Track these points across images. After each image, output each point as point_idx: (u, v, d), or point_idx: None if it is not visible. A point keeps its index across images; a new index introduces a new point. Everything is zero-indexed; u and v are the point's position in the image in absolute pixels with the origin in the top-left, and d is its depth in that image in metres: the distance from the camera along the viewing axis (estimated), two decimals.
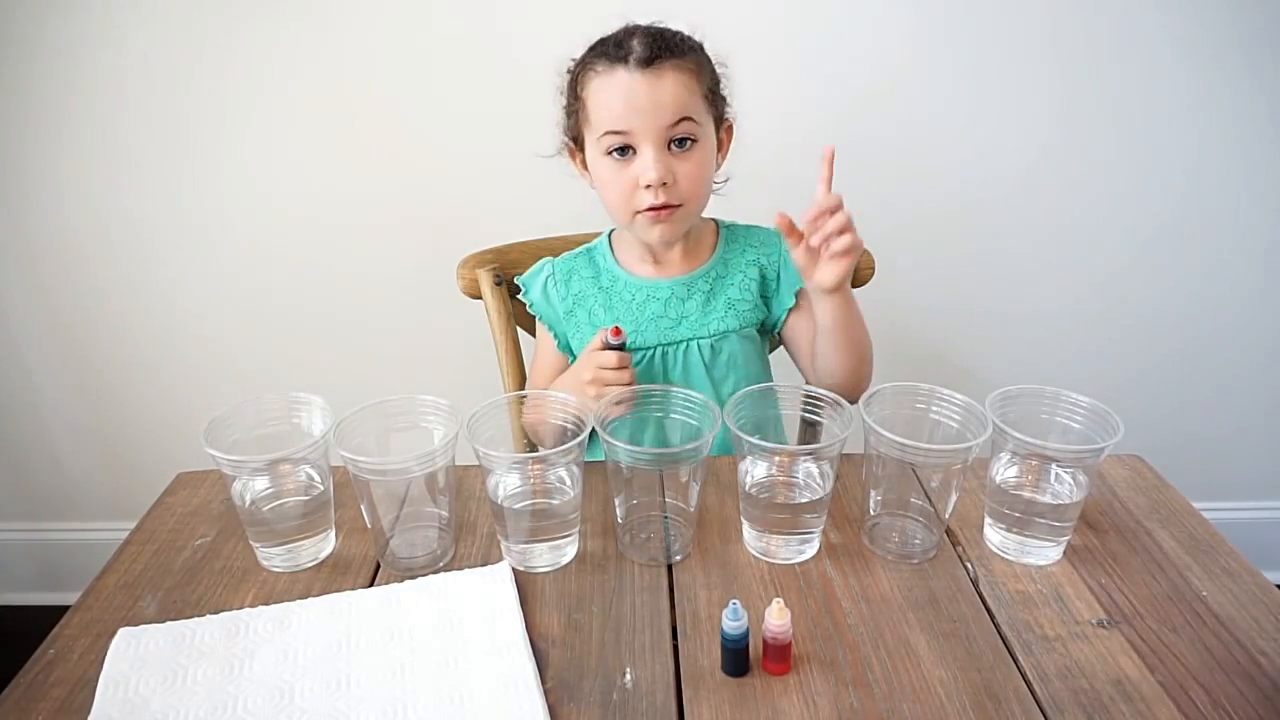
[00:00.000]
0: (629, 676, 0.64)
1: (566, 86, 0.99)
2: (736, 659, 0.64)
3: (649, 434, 0.82)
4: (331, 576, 0.76)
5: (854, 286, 1.17)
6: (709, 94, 0.96)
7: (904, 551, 0.77)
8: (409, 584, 0.74)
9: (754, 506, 0.77)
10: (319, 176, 1.42)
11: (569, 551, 0.78)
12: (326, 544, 0.79)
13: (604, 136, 0.93)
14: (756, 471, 0.78)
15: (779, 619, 0.63)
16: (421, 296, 1.49)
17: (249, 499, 0.75)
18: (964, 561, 0.77)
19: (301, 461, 0.76)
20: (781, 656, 0.64)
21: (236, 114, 1.37)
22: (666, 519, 0.79)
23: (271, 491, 0.76)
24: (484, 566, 0.76)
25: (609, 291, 1.05)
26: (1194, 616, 0.70)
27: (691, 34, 0.96)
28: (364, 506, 0.76)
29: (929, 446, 0.73)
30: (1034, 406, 0.79)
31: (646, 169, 0.92)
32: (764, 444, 0.73)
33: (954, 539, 0.80)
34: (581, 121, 0.97)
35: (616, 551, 0.78)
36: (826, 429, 0.80)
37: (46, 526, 1.72)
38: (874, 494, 0.79)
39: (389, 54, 1.34)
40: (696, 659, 0.66)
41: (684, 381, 1.03)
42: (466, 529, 0.82)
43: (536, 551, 0.76)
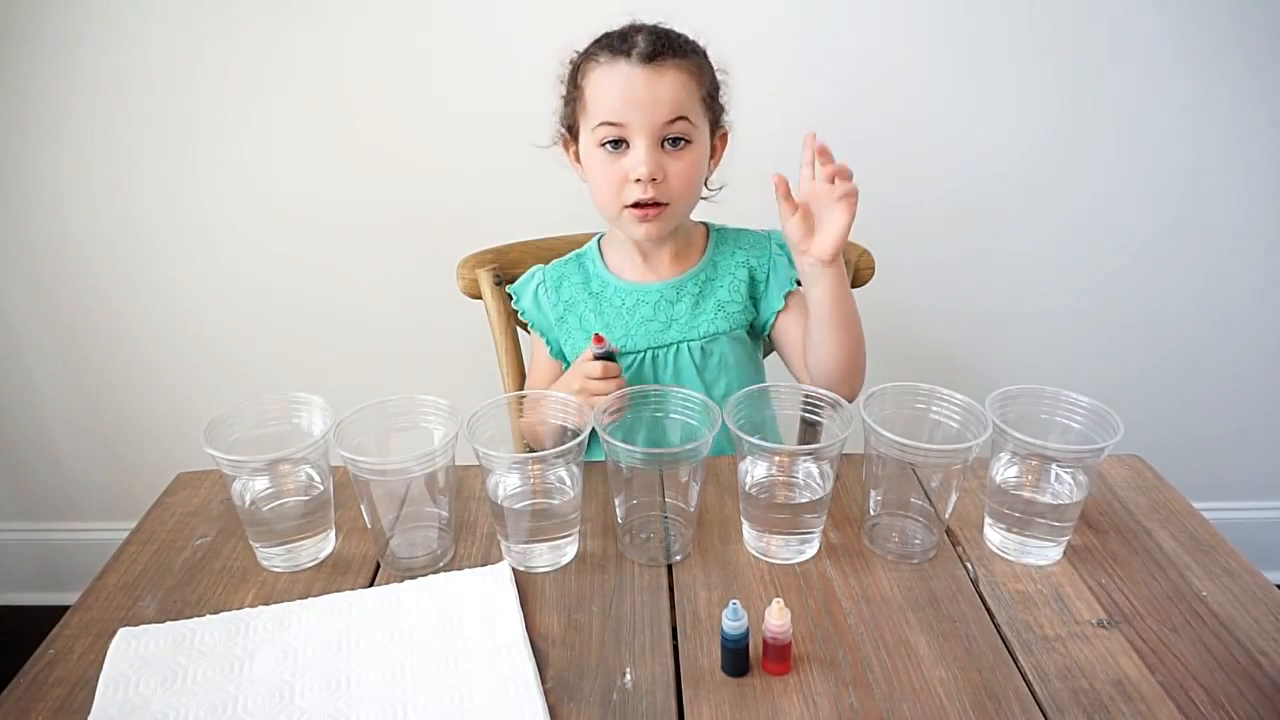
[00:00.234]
0: (629, 676, 0.64)
1: (567, 76, 0.99)
2: (736, 659, 0.64)
3: (649, 434, 0.82)
4: (331, 576, 0.76)
5: (854, 287, 1.17)
6: (707, 97, 0.96)
7: (904, 551, 0.77)
8: (409, 584, 0.74)
9: (754, 506, 0.77)
10: (319, 176, 1.42)
11: (569, 551, 0.78)
12: (326, 544, 0.79)
13: (599, 127, 0.93)
14: (756, 471, 0.78)
15: (779, 619, 0.63)
16: (421, 296, 1.49)
17: (249, 499, 0.75)
18: (964, 561, 0.77)
19: (301, 461, 0.76)
20: (781, 656, 0.64)
21: (236, 114, 1.37)
22: (666, 519, 0.79)
23: (271, 491, 0.76)
24: (484, 566, 0.76)
25: (599, 297, 1.05)
26: (1194, 616, 0.70)
27: (696, 39, 0.97)
28: (364, 506, 0.76)
29: (929, 446, 0.73)
30: (1034, 406, 0.79)
31: (638, 163, 0.92)
32: (764, 444, 0.73)
33: (954, 539, 0.80)
34: (578, 111, 0.97)
35: (616, 551, 0.78)
36: (826, 429, 0.80)
37: (46, 526, 1.72)
38: (874, 494, 0.79)
39: (389, 54, 1.34)
40: (696, 659, 0.66)
41: (675, 384, 1.03)
42: (466, 529, 0.82)
43: (536, 551, 0.76)
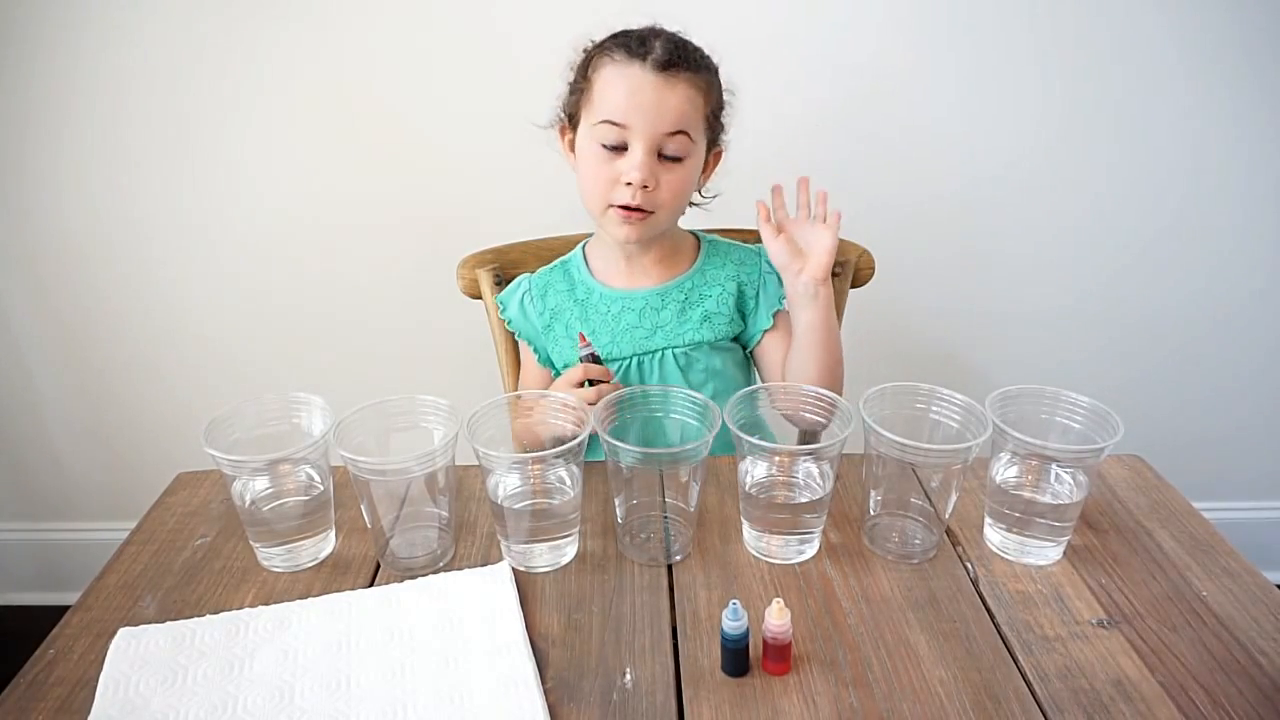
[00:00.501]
0: (629, 676, 0.64)
1: (578, 64, 0.98)
2: (736, 659, 0.64)
3: (648, 434, 0.82)
4: (331, 576, 0.76)
5: (853, 286, 1.17)
6: (710, 116, 0.97)
7: (904, 551, 0.77)
8: (409, 584, 0.74)
9: (754, 506, 0.77)
10: (319, 176, 1.42)
11: (569, 551, 0.78)
12: (326, 544, 0.79)
13: (600, 125, 0.93)
14: (756, 471, 0.78)
15: (779, 619, 0.63)
16: (421, 296, 1.49)
17: (249, 499, 0.75)
18: (964, 561, 0.77)
19: (301, 461, 0.76)
20: (781, 656, 0.64)
21: (236, 114, 1.37)
22: (666, 519, 0.79)
23: (271, 491, 0.76)
24: (484, 566, 0.76)
25: (584, 304, 1.05)
26: (1194, 616, 0.70)
27: (710, 54, 0.97)
28: (364, 506, 0.76)
29: (929, 446, 0.73)
30: (1034, 406, 0.79)
31: (632, 168, 0.92)
32: (764, 444, 0.73)
33: (954, 539, 0.80)
34: (583, 102, 0.96)
35: (616, 551, 0.78)
36: (826, 429, 0.80)
37: (46, 526, 1.72)
38: (874, 494, 0.79)
39: (389, 54, 1.34)
40: (696, 659, 0.66)
41: None
42: (466, 529, 0.82)
43: (536, 551, 0.76)
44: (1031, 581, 0.74)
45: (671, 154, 0.94)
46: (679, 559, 0.77)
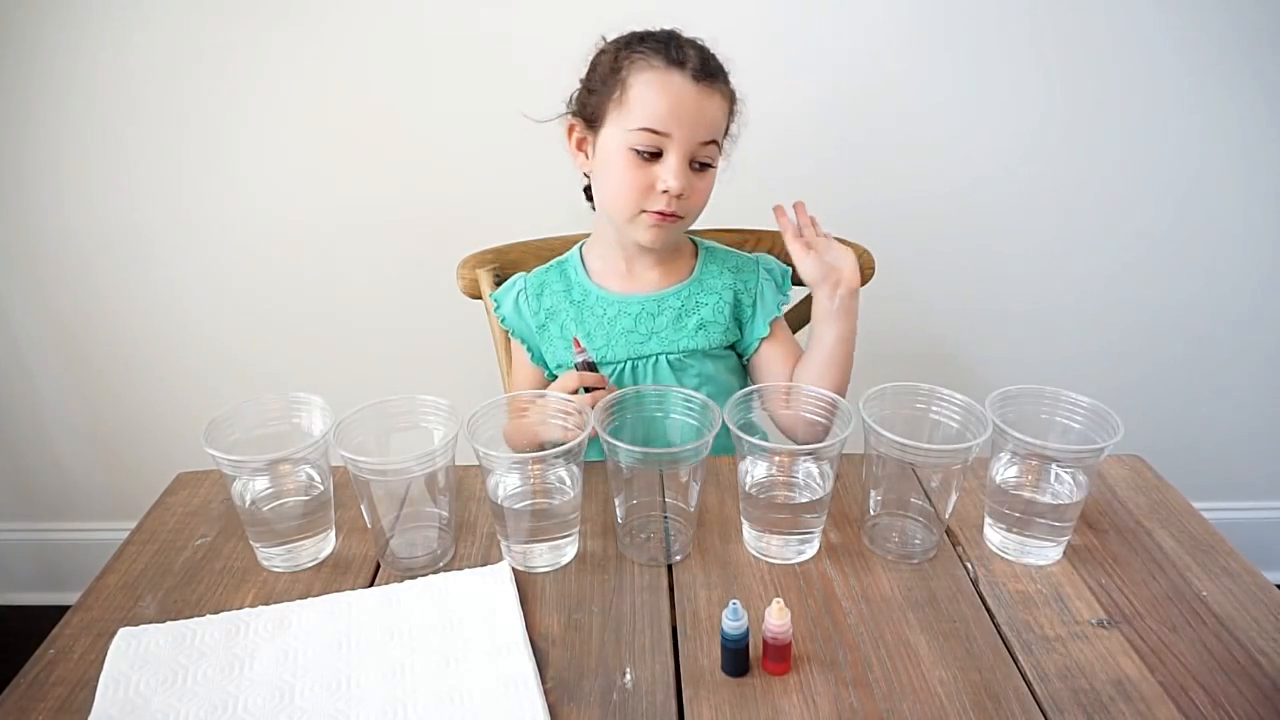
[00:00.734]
0: (629, 676, 0.64)
1: (601, 65, 0.96)
2: (736, 659, 0.64)
3: (648, 434, 0.82)
4: (331, 576, 0.76)
5: None
6: (728, 125, 0.98)
7: (904, 551, 0.77)
8: (409, 584, 0.74)
9: (754, 506, 0.77)
10: (319, 177, 1.42)
11: (569, 551, 0.78)
12: (326, 544, 0.79)
13: (639, 131, 0.92)
14: (756, 471, 0.78)
15: (779, 619, 0.63)
16: (421, 296, 1.49)
17: (249, 499, 0.75)
18: (964, 561, 0.77)
19: (301, 461, 0.76)
20: (781, 656, 0.64)
21: (236, 114, 1.37)
22: (666, 519, 0.79)
23: (271, 491, 0.76)
24: (484, 566, 0.76)
25: (580, 305, 1.05)
26: (1194, 616, 0.70)
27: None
28: (364, 506, 0.76)
29: (929, 446, 0.73)
30: (1034, 406, 0.79)
31: (671, 176, 0.92)
32: (764, 444, 0.73)
33: (954, 539, 0.80)
34: (611, 105, 0.94)
35: (616, 551, 0.78)
36: (827, 429, 0.80)
37: (46, 526, 1.72)
38: (874, 494, 0.79)
39: (389, 55, 1.34)
40: (696, 659, 0.66)
41: None
42: (466, 529, 0.82)
43: (536, 551, 0.76)
44: (1031, 581, 0.74)
45: (703, 161, 0.95)
46: (679, 559, 0.77)
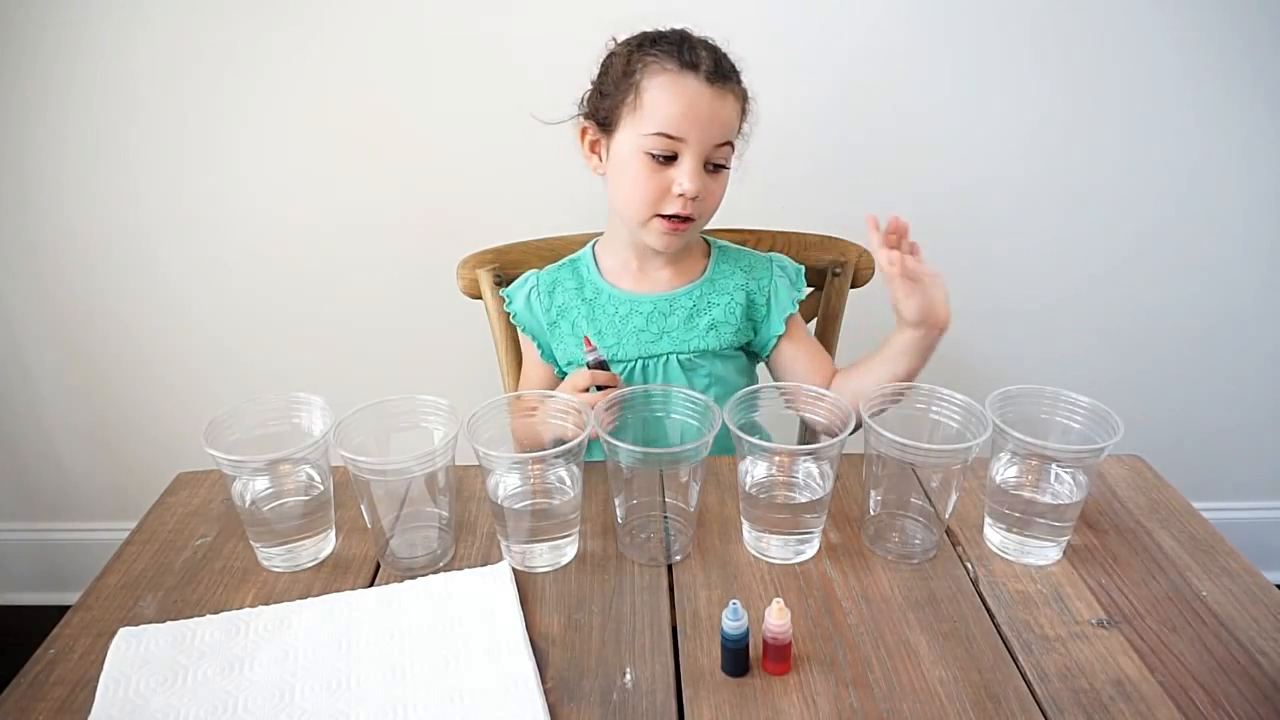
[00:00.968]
0: (629, 676, 0.64)
1: (614, 67, 0.95)
2: (736, 659, 0.64)
3: (648, 434, 0.82)
4: (331, 576, 0.76)
5: (853, 286, 1.18)
6: (741, 125, 0.97)
7: (904, 551, 0.77)
8: (409, 584, 0.74)
9: (754, 506, 0.77)
10: (319, 177, 1.42)
11: (569, 551, 0.78)
12: (326, 544, 0.79)
13: (654, 136, 0.92)
14: (756, 471, 0.78)
15: (779, 619, 0.63)
16: (422, 297, 1.49)
17: (249, 499, 0.75)
18: (964, 561, 0.77)
19: (301, 461, 0.76)
20: (781, 656, 0.64)
21: (237, 115, 1.37)
22: (666, 519, 0.79)
23: (271, 491, 0.76)
24: (484, 566, 0.76)
25: (592, 303, 1.05)
26: (1194, 616, 0.70)
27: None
28: (364, 506, 0.76)
29: (929, 446, 0.73)
30: (1034, 406, 0.79)
31: (687, 180, 0.92)
32: (764, 444, 0.73)
33: (954, 539, 0.80)
34: (625, 108, 0.93)
35: (616, 551, 0.78)
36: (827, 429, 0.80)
37: (46, 526, 1.72)
38: (874, 494, 0.79)
39: (390, 55, 1.34)
40: (696, 659, 0.66)
41: None
42: (466, 529, 0.82)
43: (536, 551, 0.76)
44: (1031, 581, 0.74)
45: (717, 163, 0.94)
46: (679, 559, 0.77)
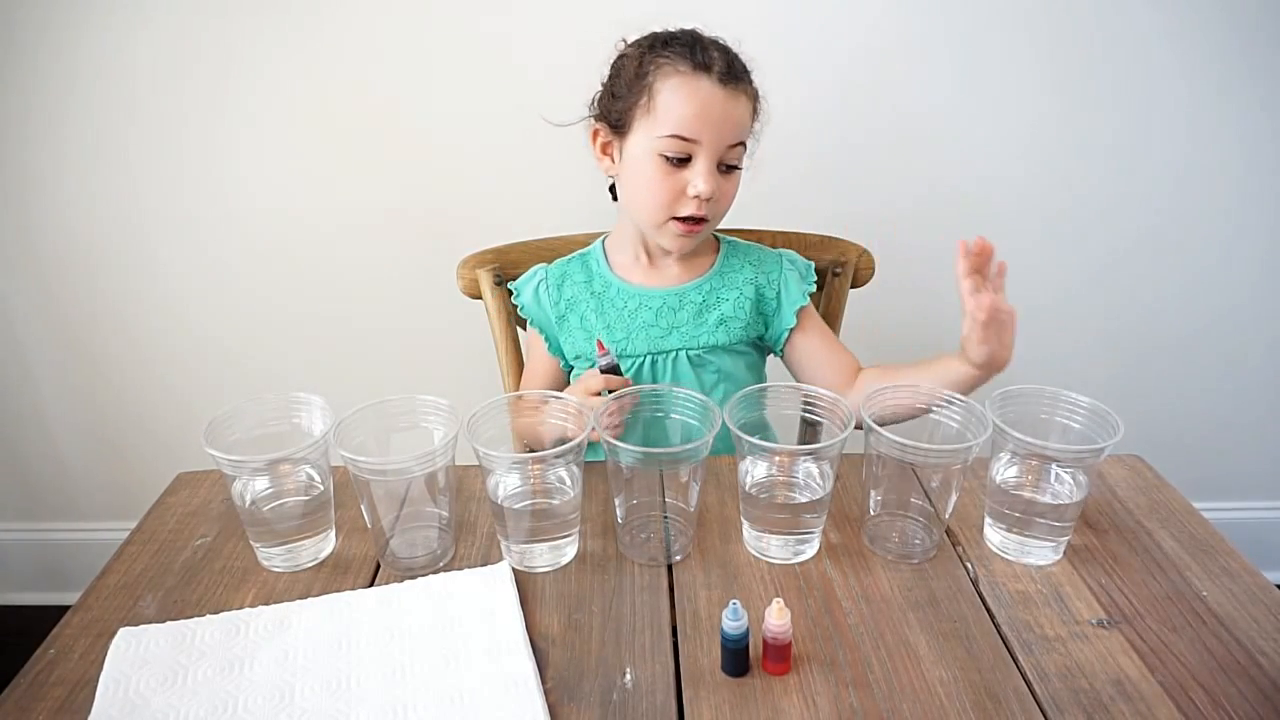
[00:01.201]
0: (629, 676, 0.64)
1: (625, 69, 0.95)
2: (736, 659, 0.64)
3: (649, 434, 0.82)
4: (331, 576, 0.76)
5: (854, 286, 1.18)
6: (752, 125, 0.97)
7: (904, 551, 0.77)
8: (409, 584, 0.74)
9: (754, 506, 0.77)
10: (320, 177, 1.42)
11: (569, 551, 0.78)
12: (326, 544, 0.79)
13: (668, 138, 0.92)
14: (756, 471, 0.78)
15: (779, 619, 0.63)
16: (422, 297, 1.49)
17: (249, 499, 0.75)
18: (964, 561, 0.77)
19: (301, 461, 0.76)
20: (781, 656, 0.64)
21: (237, 114, 1.37)
22: (666, 519, 0.79)
23: (271, 491, 0.76)
24: (484, 566, 0.76)
25: (601, 297, 1.05)
26: (1194, 616, 0.70)
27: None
28: (364, 506, 0.76)
29: (929, 446, 0.73)
30: (1034, 406, 0.79)
31: (701, 181, 0.92)
32: (764, 444, 0.73)
33: (954, 539, 0.80)
34: (638, 110, 0.93)
35: (616, 551, 0.78)
36: (826, 429, 0.80)
37: (47, 526, 1.72)
38: (874, 494, 0.79)
39: (391, 55, 1.34)
40: (696, 659, 0.66)
41: None
42: (466, 529, 0.82)
43: (536, 551, 0.76)
44: (1031, 581, 0.74)
45: (731, 164, 0.95)
46: (679, 559, 0.77)
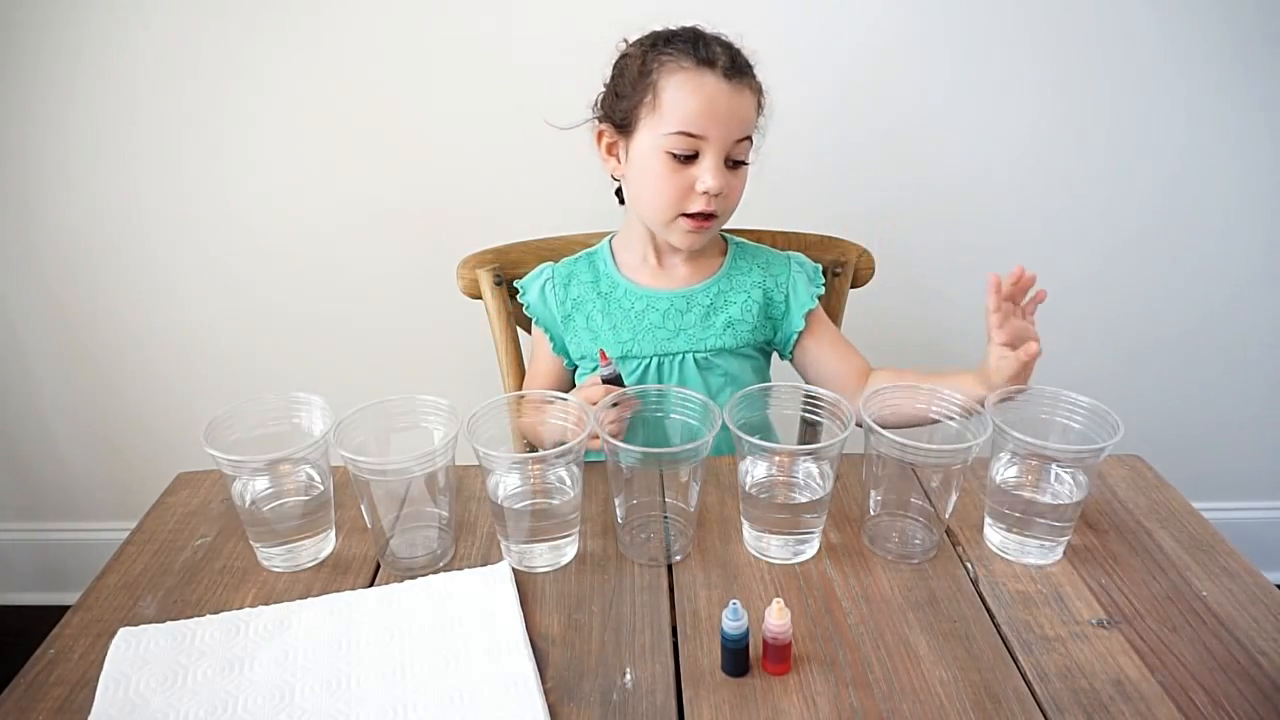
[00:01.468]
0: (629, 676, 0.64)
1: (629, 68, 0.95)
2: (736, 659, 0.64)
3: (649, 434, 0.82)
4: (331, 576, 0.76)
5: (853, 287, 1.18)
6: (757, 120, 0.97)
7: (904, 551, 0.77)
8: (409, 584, 0.74)
9: (754, 506, 0.77)
10: (320, 177, 1.42)
11: (569, 551, 0.78)
12: (326, 544, 0.79)
13: (674, 135, 0.91)
14: (756, 471, 0.78)
15: (779, 619, 0.63)
16: (422, 296, 1.49)
17: (249, 499, 0.75)
18: (964, 561, 0.77)
19: (301, 461, 0.76)
20: (781, 656, 0.64)
21: (237, 114, 1.37)
22: (666, 519, 0.79)
23: (271, 491, 0.76)
24: (484, 566, 0.76)
25: (608, 297, 1.04)
26: (1194, 616, 0.70)
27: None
28: (364, 506, 0.76)
29: (929, 446, 0.73)
30: (1034, 406, 0.79)
31: (710, 177, 0.92)
32: (764, 444, 0.73)
33: (954, 539, 0.80)
34: (643, 109, 0.93)
35: (616, 551, 0.78)
36: (826, 429, 0.80)
37: (47, 526, 1.73)
38: (874, 494, 0.79)
39: (391, 54, 1.34)
40: (696, 659, 0.66)
41: None
42: (466, 529, 0.82)
43: (536, 551, 0.76)
44: (1031, 581, 0.74)
45: (738, 159, 0.94)
46: (679, 559, 0.77)
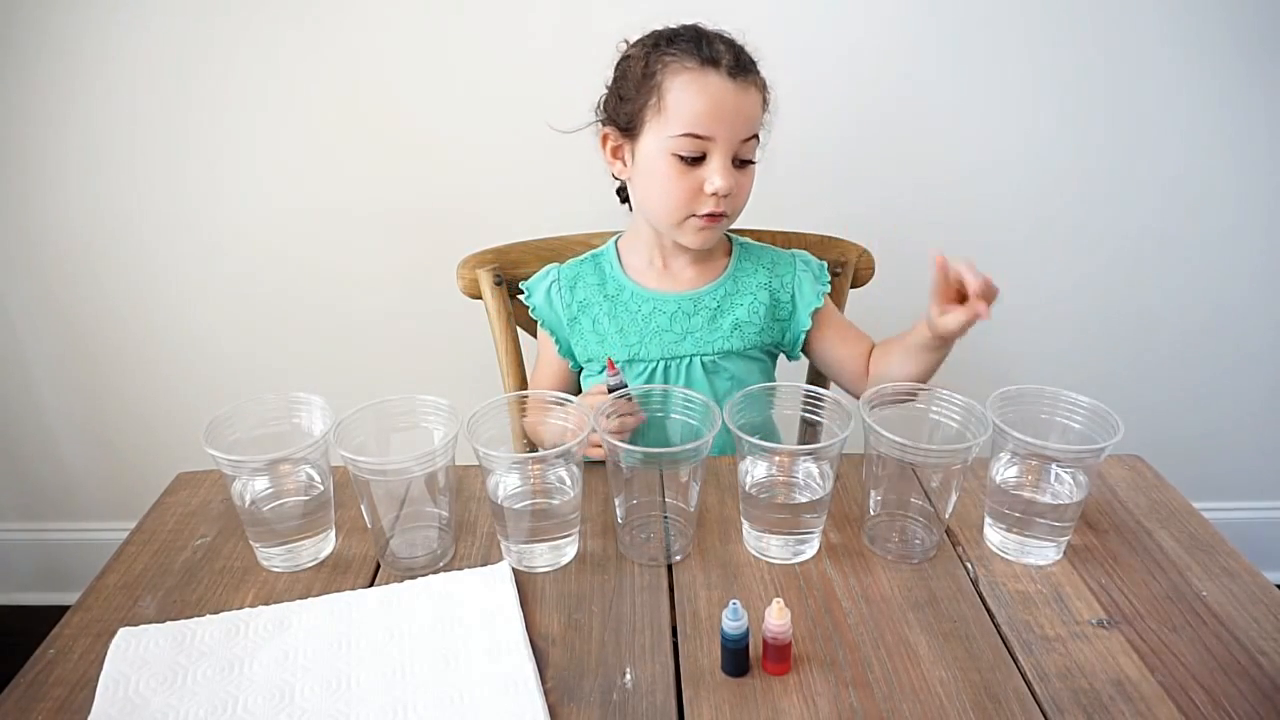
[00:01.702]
0: (629, 676, 0.64)
1: (632, 70, 0.94)
2: (736, 659, 0.64)
3: (649, 434, 0.82)
4: (331, 576, 0.76)
5: (853, 287, 1.18)
6: (763, 117, 0.97)
7: (904, 551, 0.77)
8: (409, 584, 0.74)
9: (754, 506, 0.77)
10: (320, 177, 1.42)
11: (569, 551, 0.78)
12: (326, 544, 0.79)
13: (681, 137, 0.91)
14: (756, 471, 0.78)
15: (779, 619, 0.63)
16: (422, 296, 1.49)
17: (249, 499, 0.75)
18: (964, 561, 0.77)
19: (301, 461, 0.76)
20: (781, 656, 0.64)
21: (238, 113, 1.37)
22: (666, 519, 0.79)
23: (271, 491, 0.76)
24: (484, 566, 0.76)
25: (614, 300, 1.04)
26: (1194, 616, 0.70)
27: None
28: (364, 506, 0.76)
29: (929, 446, 0.73)
30: (1034, 406, 0.79)
31: (718, 177, 0.92)
32: (764, 444, 0.73)
33: (954, 539, 0.80)
34: (649, 111, 0.93)
35: (616, 551, 0.78)
36: (826, 429, 0.80)
37: (47, 526, 1.72)
38: (874, 494, 0.79)
39: (391, 54, 1.34)
40: (696, 659, 0.66)
41: None
42: (466, 529, 0.82)
43: (536, 551, 0.76)
44: (1031, 581, 0.74)
45: (745, 158, 0.94)
46: (679, 559, 0.77)
